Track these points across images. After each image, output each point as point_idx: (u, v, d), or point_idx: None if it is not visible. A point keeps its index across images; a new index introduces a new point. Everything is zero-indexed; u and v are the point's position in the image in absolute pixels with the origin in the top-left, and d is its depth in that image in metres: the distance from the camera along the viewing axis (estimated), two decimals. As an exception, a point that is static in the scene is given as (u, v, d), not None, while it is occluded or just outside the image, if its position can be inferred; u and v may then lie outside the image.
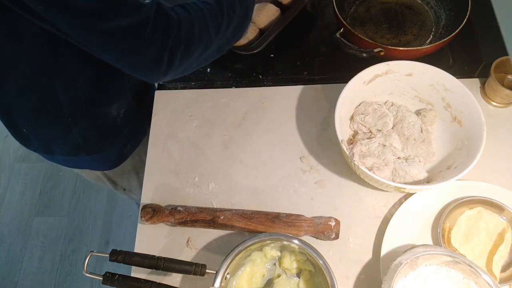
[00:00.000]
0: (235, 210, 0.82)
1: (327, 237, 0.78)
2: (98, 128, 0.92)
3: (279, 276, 0.76)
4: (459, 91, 0.82)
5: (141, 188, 0.88)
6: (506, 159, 0.86)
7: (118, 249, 0.69)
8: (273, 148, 0.90)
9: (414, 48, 0.91)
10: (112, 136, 0.97)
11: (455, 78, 0.83)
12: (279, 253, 0.76)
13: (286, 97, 0.96)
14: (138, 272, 0.77)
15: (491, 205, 0.78)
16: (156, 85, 1.01)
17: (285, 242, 0.72)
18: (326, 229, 0.78)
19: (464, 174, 0.73)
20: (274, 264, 0.78)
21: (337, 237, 0.78)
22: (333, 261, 0.75)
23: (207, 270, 0.70)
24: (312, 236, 0.80)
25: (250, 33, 0.99)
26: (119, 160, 1.06)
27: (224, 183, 0.87)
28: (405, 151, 0.85)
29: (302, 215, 0.80)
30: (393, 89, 0.90)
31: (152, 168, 0.90)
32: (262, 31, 1.01)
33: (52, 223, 1.94)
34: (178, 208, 0.82)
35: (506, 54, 0.87)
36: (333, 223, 0.78)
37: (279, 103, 0.96)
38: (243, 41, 0.98)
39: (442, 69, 0.84)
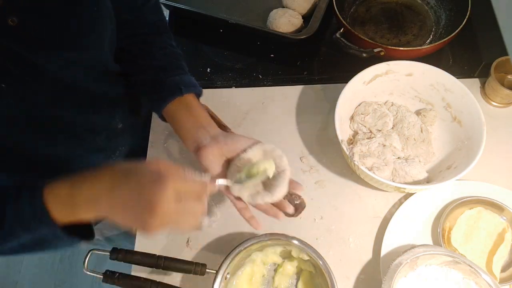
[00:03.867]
0: None
1: (289, 203, 0.71)
2: None
3: (279, 276, 0.77)
4: (459, 91, 0.82)
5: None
6: (506, 159, 0.86)
7: (119, 248, 0.69)
8: (273, 148, 0.90)
9: (414, 48, 0.91)
10: None
11: (455, 78, 0.83)
12: (281, 259, 0.76)
13: (286, 97, 0.96)
14: (138, 271, 0.77)
15: (491, 205, 0.78)
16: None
17: (284, 243, 0.72)
18: (293, 193, 0.72)
19: (464, 174, 0.73)
20: (274, 264, 0.78)
21: (295, 211, 0.72)
22: (333, 261, 0.75)
23: (207, 270, 0.70)
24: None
25: (298, 21, 1.01)
26: None
27: (224, 183, 0.87)
28: (405, 151, 0.85)
29: None
30: (393, 89, 0.90)
31: (152, 168, 0.90)
32: (304, 17, 1.03)
33: (52, 223, 1.94)
34: None
35: (506, 54, 0.87)
36: (299, 200, 0.74)
37: (279, 103, 0.96)
38: (290, 28, 1.00)
39: (442, 69, 0.84)
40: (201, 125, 0.71)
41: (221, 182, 0.62)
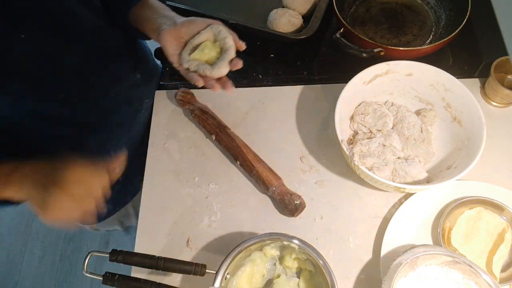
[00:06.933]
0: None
1: (290, 202, 0.80)
2: None
3: (279, 276, 0.77)
4: (459, 91, 0.82)
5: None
6: (506, 159, 0.86)
7: (118, 249, 0.69)
8: (273, 148, 0.90)
9: (414, 48, 0.91)
10: None
11: (455, 78, 0.83)
12: (278, 253, 0.76)
13: (286, 97, 0.96)
14: (138, 272, 0.77)
15: (491, 205, 0.78)
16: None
17: (285, 242, 0.72)
18: (293, 193, 0.81)
19: (464, 174, 0.73)
20: (274, 264, 0.78)
21: (295, 211, 0.80)
22: (333, 261, 0.75)
23: (207, 270, 0.70)
24: (278, 199, 0.82)
25: (298, 21, 1.01)
26: (97, 219, 0.97)
27: (224, 183, 0.87)
28: (405, 151, 0.85)
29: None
30: (393, 89, 0.90)
31: (152, 168, 0.90)
32: (304, 17, 1.03)
33: (52, 223, 1.94)
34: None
35: (506, 54, 0.87)
36: (299, 200, 0.81)
37: (279, 103, 0.96)
38: (290, 28, 1.00)
39: (442, 69, 0.84)
40: (162, 15, 0.78)
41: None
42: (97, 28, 0.77)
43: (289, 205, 0.80)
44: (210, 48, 0.75)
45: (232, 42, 0.74)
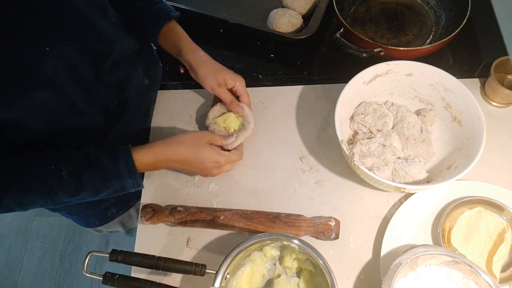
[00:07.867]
0: (235, 210, 0.82)
1: (327, 237, 0.78)
2: None
3: (279, 276, 0.77)
4: (459, 91, 0.82)
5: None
6: (506, 159, 0.86)
7: (118, 249, 0.69)
8: (273, 148, 0.90)
9: (414, 48, 0.91)
10: (88, 202, 0.91)
11: (455, 78, 0.83)
12: (278, 253, 0.76)
13: (286, 97, 0.96)
14: (138, 272, 0.78)
15: (491, 205, 0.78)
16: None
17: (285, 242, 0.72)
18: (326, 229, 0.78)
19: (464, 174, 0.73)
20: (274, 264, 0.78)
21: (337, 237, 0.78)
22: (333, 261, 0.75)
23: (207, 270, 0.70)
24: (312, 236, 0.80)
25: (298, 21, 1.01)
26: (100, 222, 1.03)
27: (224, 183, 0.87)
28: (405, 151, 0.85)
29: (302, 215, 0.80)
30: (393, 89, 0.90)
31: (152, 168, 0.90)
32: (304, 17, 1.04)
33: (52, 223, 1.94)
34: (178, 208, 0.82)
35: (506, 54, 0.87)
36: (333, 223, 0.78)
37: (279, 103, 0.96)
38: (290, 28, 1.00)
39: (442, 69, 0.84)
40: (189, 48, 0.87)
41: None
42: (113, 37, 0.77)
43: (328, 238, 0.79)
44: (232, 121, 0.87)
45: (252, 126, 0.87)
